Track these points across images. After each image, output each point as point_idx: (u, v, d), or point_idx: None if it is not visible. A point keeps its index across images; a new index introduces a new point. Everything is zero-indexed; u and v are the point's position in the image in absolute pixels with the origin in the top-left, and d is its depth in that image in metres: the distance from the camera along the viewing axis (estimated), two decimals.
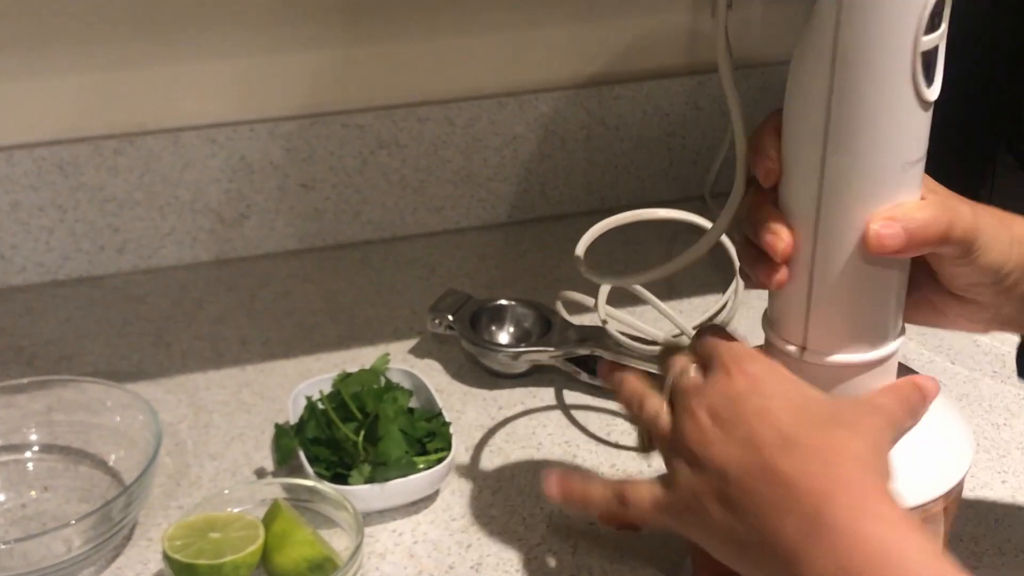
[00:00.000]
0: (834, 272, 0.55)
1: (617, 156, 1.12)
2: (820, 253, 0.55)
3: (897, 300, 0.56)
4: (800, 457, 0.50)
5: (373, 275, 1.03)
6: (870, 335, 0.56)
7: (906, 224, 0.53)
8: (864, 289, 0.55)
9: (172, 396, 0.86)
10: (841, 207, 0.53)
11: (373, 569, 0.70)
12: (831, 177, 0.53)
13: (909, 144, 0.53)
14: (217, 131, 1.00)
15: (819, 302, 0.56)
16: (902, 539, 0.47)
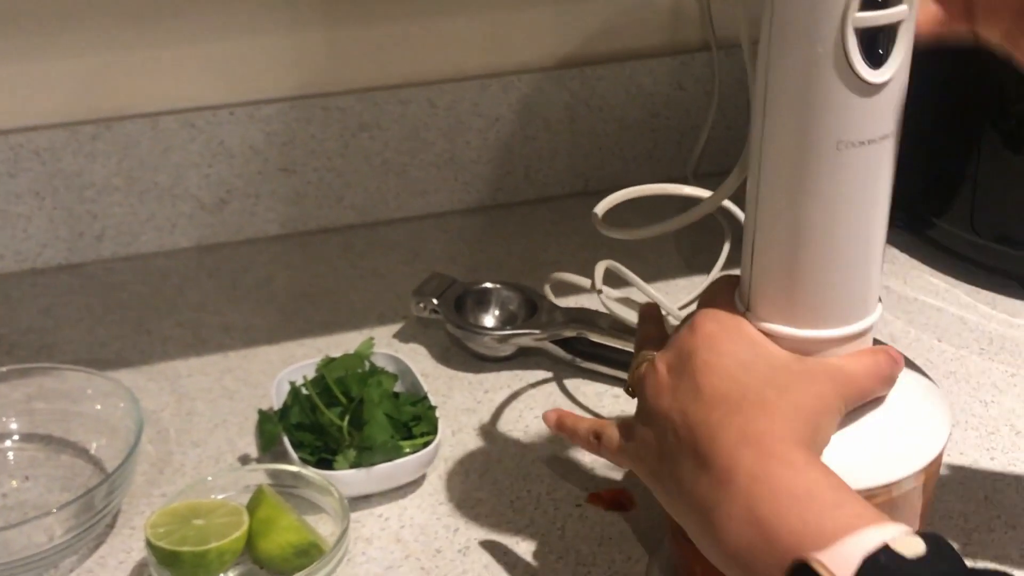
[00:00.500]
0: (770, 245, 0.55)
1: (601, 138, 1.11)
2: (760, 224, 0.55)
3: (840, 288, 0.55)
4: (725, 413, 0.52)
5: (356, 260, 1.02)
6: (808, 315, 0.55)
7: None
8: (798, 271, 0.54)
9: (154, 383, 0.85)
10: (776, 183, 0.53)
11: (359, 554, 0.69)
12: (767, 152, 0.53)
13: (843, 125, 0.51)
14: (196, 115, 0.99)
15: (758, 268, 0.56)
16: (810, 478, 0.48)
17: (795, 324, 0.56)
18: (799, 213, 0.53)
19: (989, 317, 0.92)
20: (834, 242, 0.54)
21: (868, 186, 0.53)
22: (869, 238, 0.55)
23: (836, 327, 0.55)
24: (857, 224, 0.54)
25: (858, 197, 0.53)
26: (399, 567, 0.68)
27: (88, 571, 0.68)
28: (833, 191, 0.53)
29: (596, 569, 0.68)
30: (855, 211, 0.53)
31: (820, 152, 0.52)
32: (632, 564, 0.68)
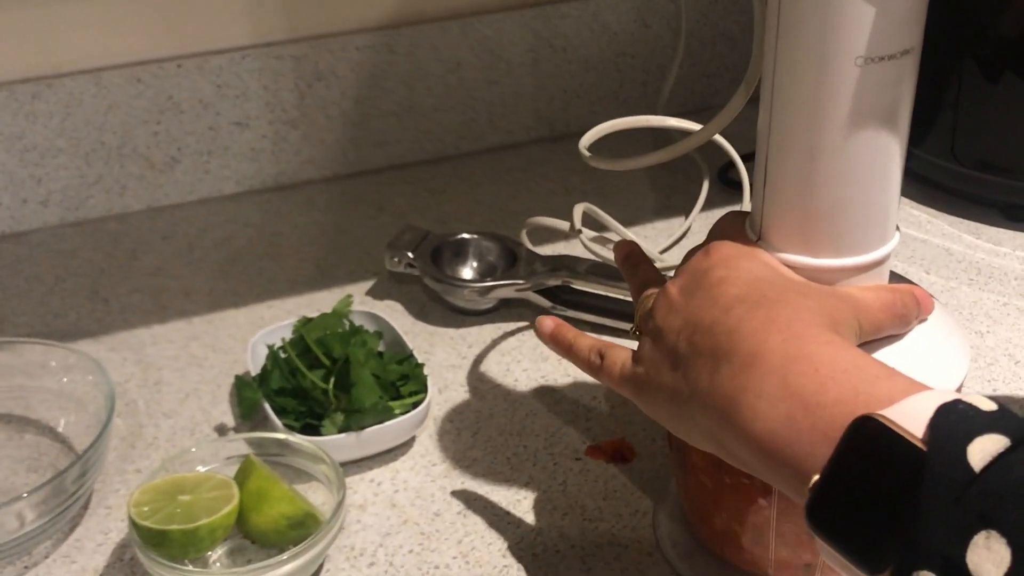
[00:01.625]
0: (783, 171, 0.52)
1: (565, 79, 1.07)
2: (773, 148, 0.52)
3: (858, 214, 0.52)
4: (745, 310, 0.49)
5: (318, 216, 0.98)
6: (825, 241, 0.52)
7: None
8: (814, 197, 0.51)
9: (116, 354, 0.80)
10: (791, 103, 0.50)
11: (354, 522, 0.66)
12: (782, 72, 0.50)
13: (863, 39, 0.48)
14: (141, 69, 0.93)
15: (771, 195, 0.53)
16: (853, 354, 0.45)
17: (810, 253, 0.53)
18: (815, 134, 0.50)
19: (974, 247, 0.90)
20: (852, 165, 0.51)
21: (889, 105, 0.50)
22: (888, 160, 0.52)
23: (853, 255, 0.53)
24: (876, 145, 0.51)
25: (878, 117, 0.50)
26: (397, 533, 0.65)
27: (64, 556, 0.64)
28: (852, 110, 0.49)
29: (603, 524, 0.65)
30: (875, 131, 0.50)
31: (839, 69, 0.49)
32: (640, 517, 0.65)
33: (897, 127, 0.51)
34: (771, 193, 0.53)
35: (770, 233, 0.54)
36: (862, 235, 0.53)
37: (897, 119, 0.51)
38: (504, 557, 0.63)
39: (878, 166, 0.51)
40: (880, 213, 0.53)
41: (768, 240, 0.54)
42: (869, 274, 0.53)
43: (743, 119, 0.58)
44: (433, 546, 0.64)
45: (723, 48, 1.11)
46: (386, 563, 0.63)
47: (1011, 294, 0.84)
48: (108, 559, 0.64)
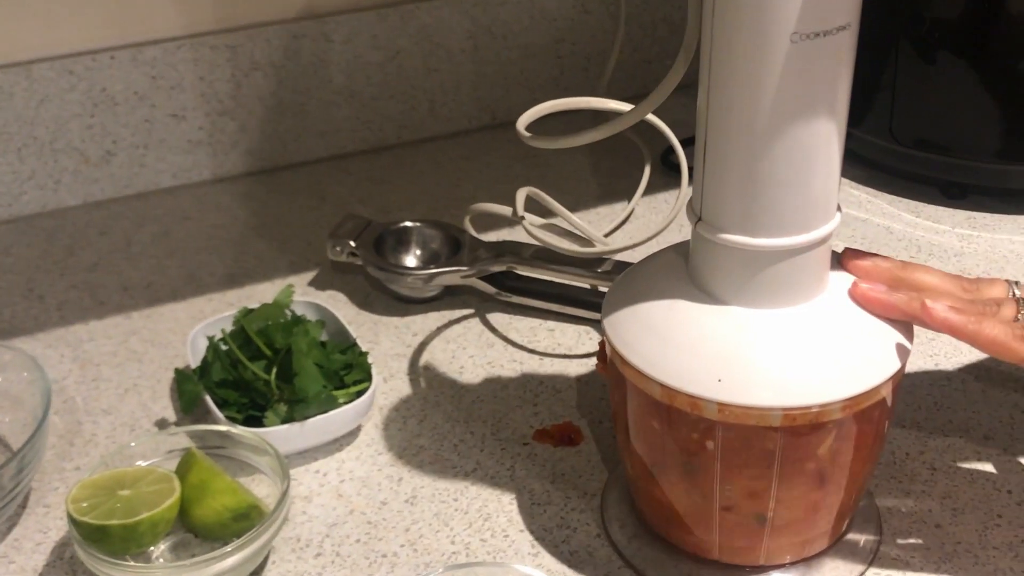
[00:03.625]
0: (722, 149, 0.52)
1: (505, 66, 1.06)
2: (712, 127, 0.51)
3: (798, 192, 0.52)
4: None
5: (258, 208, 0.96)
6: (764, 220, 0.52)
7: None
8: (753, 175, 0.51)
9: (53, 351, 0.79)
10: (727, 80, 0.50)
11: (300, 513, 0.65)
12: (718, 48, 0.50)
13: (797, 14, 0.47)
14: (73, 61, 0.91)
15: (711, 175, 0.52)
16: None
17: (749, 232, 0.53)
18: (752, 113, 0.50)
19: (914, 225, 0.91)
20: (790, 143, 0.51)
21: (826, 82, 0.50)
22: (827, 139, 0.52)
23: (792, 235, 0.53)
24: (814, 123, 0.51)
25: (815, 94, 0.50)
26: (344, 523, 0.64)
27: (2, 556, 0.62)
28: (789, 88, 0.49)
29: (551, 507, 0.65)
30: (812, 109, 0.50)
31: (774, 45, 0.48)
32: (588, 499, 0.65)
33: (835, 105, 0.51)
34: (710, 173, 0.53)
35: (710, 213, 0.54)
36: (802, 214, 0.52)
37: (835, 97, 0.51)
38: (452, 543, 0.63)
39: (816, 144, 0.51)
40: (819, 192, 0.53)
41: (708, 220, 0.54)
42: (810, 254, 0.53)
43: (683, 105, 0.58)
44: (380, 535, 0.63)
45: (663, 33, 1.11)
46: (333, 553, 0.62)
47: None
48: (48, 558, 0.62)
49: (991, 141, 0.90)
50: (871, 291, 0.55)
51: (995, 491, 0.65)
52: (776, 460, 0.53)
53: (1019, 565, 0.60)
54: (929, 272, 0.58)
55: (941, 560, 0.60)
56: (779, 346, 0.52)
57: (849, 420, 0.53)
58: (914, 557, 0.61)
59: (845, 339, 0.53)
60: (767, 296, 0.53)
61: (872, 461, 0.57)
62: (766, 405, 0.51)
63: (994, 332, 0.53)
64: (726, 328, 0.53)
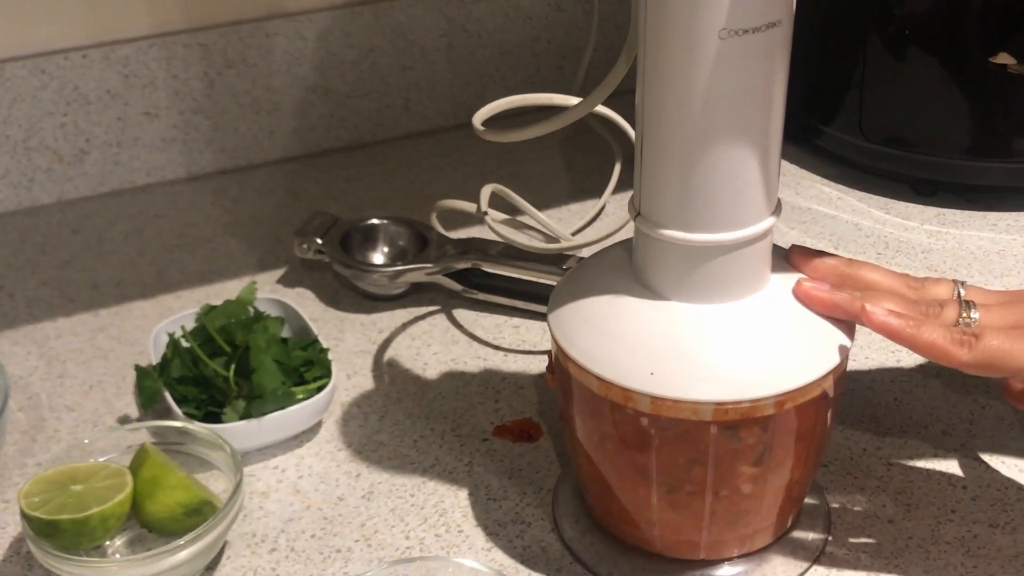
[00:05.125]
0: (657, 145, 0.52)
1: (481, 64, 1.07)
2: (647, 122, 0.52)
3: (732, 188, 0.52)
4: None
5: (231, 206, 0.97)
6: (700, 216, 0.52)
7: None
8: (687, 171, 0.51)
9: (19, 348, 0.79)
10: (660, 76, 0.50)
11: (256, 508, 0.65)
12: (650, 44, 0.50)
13: (725, 11, 0.47)
14: (46, 60, 0.92)
15: (648, 170, 0.52)
16: None
17: (686, 228, 0.53)
18: (684, 108, 0.50)
19: (883, 221, 0.91)
20: (723, 139, 0.50)
21: (759, 78, 0.50)
22: (761, 135, 0.51)
23: (729, 231, 0.53)
24: (747, 119, 0.51)
25: (747, 90, 0.50)
26: (300, 518, 0.64)
27: None
28: (719, 84, 0.49)
29: (507, 502, 0.65)
30: (745, 106, 0.50)
31: (702, 42, 0.48)
32: (544, 494, 0.65)
33: (769, 102, 0.51)
34: (647, 169, 0.53)
35: (648, 208, 0.54)
36: (737, 210, 0.52)
37: (769, 94, 0.51)
38: (407, 539, 0.63)
39: (750, 141, 0.51)
40: (755, 188, 0.52)
41: (647, 215, 0.54)
42: (747, 250, 0.53)
43: None
44: (335, 530, 0.64)
45: None
46: (287, 548, 0.63)
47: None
48: (4, 553, 0.63)
49: (960, 138, 0.90)
50: (814, 289, 0.55)
51: (950, 487, 0.65)
52: (711, 454, 0.54)
53: (970, 560, 0.60)
54: (875, 270, 0.58)
55: (892, 556, 0.61)
56: (714, 340, 0.53)
57: (786, 415, 0.53)
58: (864, 553, 0.61)
59: (782, 335, 0.54)
60: (705, 291, 0.53)
61: (815, 456, 0.57)
62: (698, 399, 0.52)
63: (932, 336, 0.53)
64: (663, 322, 0.53)
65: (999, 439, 0.68)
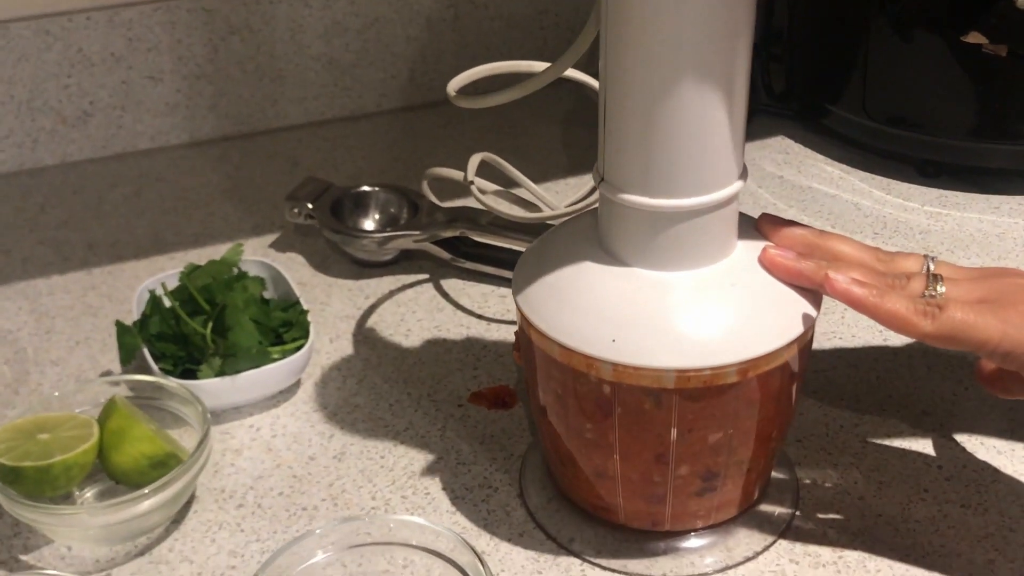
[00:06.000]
0: (619, 106, 0.51)
1: (487, 36, 1.06)
2: (609, 83, 0.51)
3: (693, 151, 0.51)
4: None
5: (231, 171, 0.97)
6: (662, 181, 0.52)
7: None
8: (647, 132, 0.51)
9: (11, 303, 0.80)
10: (620, 35, 0.50)
11: (228, 465, 0.66)
12: (612, 2, 0.49)
13: None
14: (50, 21, 0.92)
15: (610, 134, 0.52)
16: None
17: (648, 193, 0.52)
18: (645, 71, 0.50)
19: (883, 202, 0.90)
20: (682, 101, 0.50)
21: (721, 39, 0.49)
22: (723, 98, 0.50)
23: (691, 196, 0.52)
24: (706, 82, 0.50)
25: (709, 53, 0.49)
26: (269, 476, 0.65)
27: None
28: (680, 46, 0.49)
29: (476, 467, 0.65)
30: (706, 68, 0.50)
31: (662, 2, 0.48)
32: (513, 461, 0.65)
33: (731, 65, 0.50)
34: (610, 133, 0.53)
35: (611, 173, 0.53)
36: (699, 175, 0.52)
37: (732, 57, 0.50)
38: (373, 499, 0.63)
39: (710, 105, 0.50)
40: (717, 153, 0.52)
41: (610, 180, 0.53)
42: (711, 216, 0.53)
43: None
44: (303, 488, 0.64)
45: None
46: (254, 504, 0.63)
47: (913, 247, 0.84)
48: None
49: (964, 119, 0.89)
50: (779, 256, 0.54)
51: (925, 466, 0.64)
52: (674, 423, 0.53)
53: (938, 539, 0.59)
54: (844, 242, 0.57)
55: (859, 532, 0.60)
56: (677, 308, 0.52)
57: (748, 384, 0.52)
58: (831, 529, 0.60)
59: (746, 303, 0.53)
60: (669, 258, 0.53)
61: (780, 427, 0.57)
62: (659, 366, 0.51)
63: (896, 306, 0.52)
64: (625, 289, 0.53)
65: (979, 421, 0.67)
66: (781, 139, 0.99)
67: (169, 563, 0.60)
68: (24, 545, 0.61)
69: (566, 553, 0.59)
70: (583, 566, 0.58)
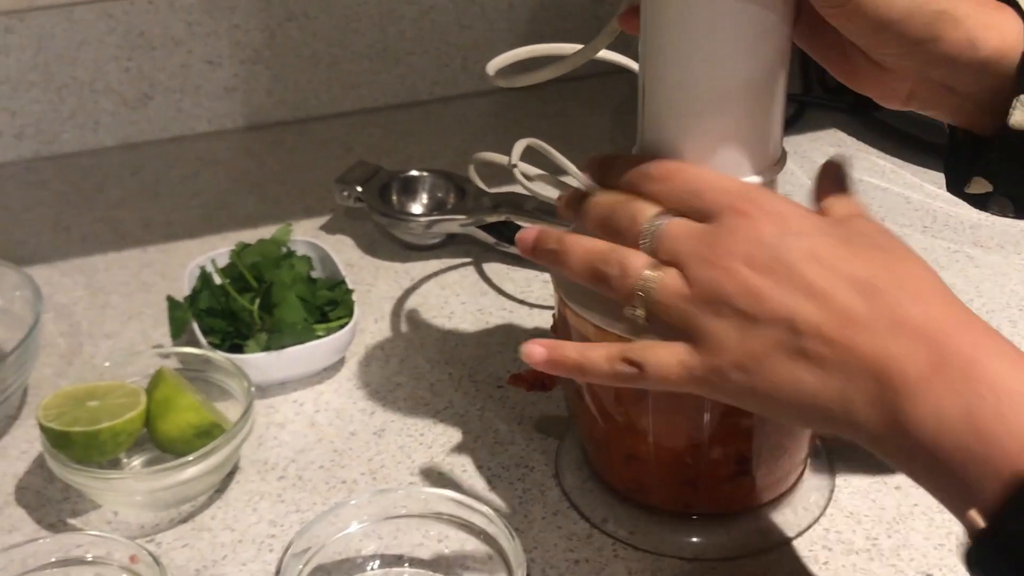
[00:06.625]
0: (659, 87, 0.52)
1: (541, 24, 1.07)
2: (647, 64, 0.51)
3: (731, 132, 0.51)
4: (892, 298, 0.44)
5: (285, 155, 0.99)
6: (701, 160, 0.52)
7: None
8: (688, 115, 0.51)
9: (68, 279, 0.82)
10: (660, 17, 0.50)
11: (271, 438, 0.67)
12: None
13: None
14: (113, 5, 0.95)
15: (651, 119, 0.52)
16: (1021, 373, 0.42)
17: None
18: (686, 48, 0.50)
19: (934, 196, 0.89)
20: (724, 85, 0.50)
21: (759, 25, 0.50)
22: (764, 79, 0.51)
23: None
24: (746, 60, 0.50)
25: (749, 36, 0.50)
26: (311, 450, 0.66)
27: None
28: (720, 27, 0.49)
29: (513, 447, 0.66)
30: (747, 50, 0.50)
31: None
32: (550, 442, 0.66)
33: (771, 46, 0.50)
34: (648, 117, 0.53)
35: (652, 152, 0.54)
36: (740, 155, 0.52)
37: (775, 32, 0.50)
38: (411, 475, 0.64)
39: (751, 81, 0.51)
40: (756, 131, 0.52)
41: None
42: None
43: None
44: (344, 463, 0.65)
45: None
46: (295, 476, 0.64)
47: (963, 241, 0.83)
48: (29, 466, 0.66)
49: None
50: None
51: None
52: (707, 407, 0.53)
53: None
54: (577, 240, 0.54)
55: (893, 521, 0.60)
56: None
57: None
58: (866, 517, 0.60)
59: None
60: None
61: None
62: None
63: (595, 366, 0.50)
64: None
65: None
66: (833, 132, 0.98)
67: (211, 530, 0.61)
68: (72, 509, 0.63)
69: (599, 533, 0.60)
70: (615, 546, 0.59)
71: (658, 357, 0.48)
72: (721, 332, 0.47)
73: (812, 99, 1.01)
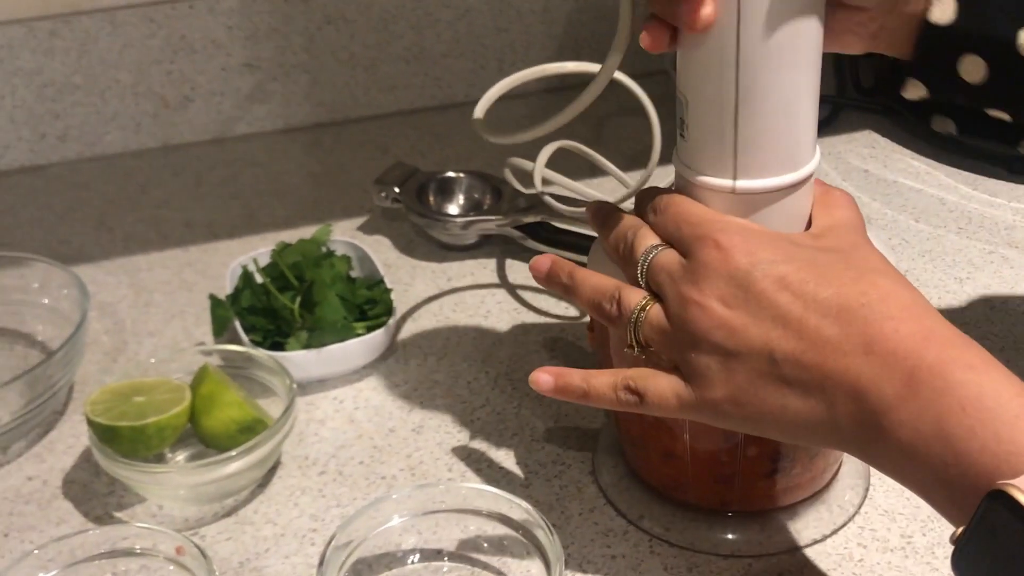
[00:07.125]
0: (759, 85, 0.51)
1: (576, 28, 1.08)
2: (744, 68, 0.51)
3: (814, 108, 0.53)
4: (861, 318, 0.46)
5: (323, 157, 1.00)
6: (795, 153, 0.53)
7: None
8: (788, 99, 0.51)
9: (112, 277, 0.84)
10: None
11: (312, 434, 0.68)
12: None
13: None
14: (154, 9, 0.96)
15: (747, 123, 0.52)
16: (994, 384, 0.43)
17: (786, 170, 0.53)
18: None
19: (969, 197, 0.89)
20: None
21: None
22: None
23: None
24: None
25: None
26: (351, 446, 0.67)
27: (36, 455, 0.68)
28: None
29: (550, 445, 0.66)
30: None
31: None
32: (587, 440, 0.67)
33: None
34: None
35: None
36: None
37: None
38: (449, 471, 0.65)
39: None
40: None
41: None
42: (792, 194, 0.53)
43: None
44: (383, 459, 0.66)
45: None
46: (336, 472, 0.65)
47: (998, 242, 0.83)
48: (76, 460, 0.67)
49: None
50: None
51: None
52: None
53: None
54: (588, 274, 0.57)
55: (928, 519, 0.60)
56: None
57: None
58: (900, 515, 0.60)
59: None
60: None
61: None
62: None
63: (599, 391, 0.53)
64: None
65: None
66: (868, 133, 0.99)
67: (254, 524, 0.62)
68: (118, 503, 0.64)
69: (635, 529, 0.61)
70: (651, 542, 0.60)
71: (658, 388, 0.51)
72: (704, 368, 0.49)
73: (847, 101, 1.01)
